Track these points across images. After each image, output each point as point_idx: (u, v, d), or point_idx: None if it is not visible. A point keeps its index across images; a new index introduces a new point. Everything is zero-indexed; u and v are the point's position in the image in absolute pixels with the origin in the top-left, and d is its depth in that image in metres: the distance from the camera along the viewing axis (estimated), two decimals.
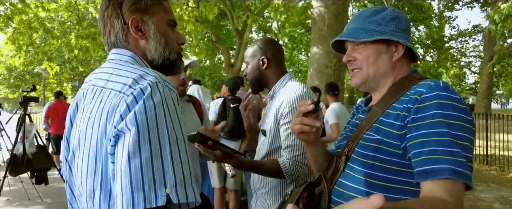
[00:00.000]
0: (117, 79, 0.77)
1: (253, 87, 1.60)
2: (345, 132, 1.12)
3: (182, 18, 7.00)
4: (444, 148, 0.79)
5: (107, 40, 0.90)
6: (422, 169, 0.81)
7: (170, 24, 0.93)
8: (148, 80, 0.73)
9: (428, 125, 0.83)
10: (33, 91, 5.22)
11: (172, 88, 0.76)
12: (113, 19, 0.87)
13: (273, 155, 1.49)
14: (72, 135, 0.84)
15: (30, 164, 4.54)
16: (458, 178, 0.77)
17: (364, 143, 0.95)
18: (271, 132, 1.48)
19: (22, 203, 4.58)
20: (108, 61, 0.87)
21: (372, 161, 0.91)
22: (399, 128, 0.88)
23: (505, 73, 19.29)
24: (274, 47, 1.58)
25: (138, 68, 0.79)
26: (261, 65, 1.54)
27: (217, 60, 18.74)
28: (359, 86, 1.04)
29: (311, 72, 6.83)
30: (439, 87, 0.87)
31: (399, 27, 1.00)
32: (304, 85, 1.49)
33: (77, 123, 0.82)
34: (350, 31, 1.02)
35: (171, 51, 0.91)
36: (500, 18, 6.37)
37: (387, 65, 1.00)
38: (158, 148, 0.69)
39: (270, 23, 17.35)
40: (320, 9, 6.58)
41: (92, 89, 0.82)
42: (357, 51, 1.02)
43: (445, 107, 0.83)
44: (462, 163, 0.78)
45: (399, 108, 0.91)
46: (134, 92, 0.71)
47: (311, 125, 0.97)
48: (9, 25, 7.30)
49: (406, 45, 0.98)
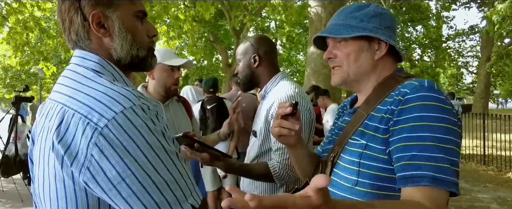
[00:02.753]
0: (82, 98, 0.68)
1: (243, 85, 1.55)
2: (330, 135, 1.08)
3: (178, 18, 6.96)
4: (425, 153, 0.75)
5: (68, 38, 0.79)
6: (402, 174, 0.77)
7: (139, 16, 0.82)
8: (121, 106, 0.65)
9: (410, 129, 0.78)
10: (26, 91, 5.16)
11: (149, 105, 0.70)
12: (71, 14, 0.76)
13: (263, 157, 1.44)
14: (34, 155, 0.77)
15: (22, 165, 4.48)
16: (439, 185, 0.73)
17: (349, 149, 0.91)
18: (261, 133, 1.43)
19: (15, 205, 4.52)
20: (71, 68, 0.77)
21: (358, 167, 0.86)
22: (384, 131, 0.84)
23: (502, 73, 19.34)
24: (267, 45, 1.52)
25: (106, 83, 0.70)
26: (253, 63, 1.49)
27: (215, 60, 18.70)
28: (340, 85, 0.99)
29: (308, 72, 6.80)
30: (423, 87, 0.82)
31: (383, 24, 0.95)
32: (296, 85, 1.45)
33: (37, 142, 0.74)
34: (331, 27, 0.98)
35: (140, 47, 0.81)
36: (498, 19, 6.36)
37: (369, 63, 0.95)
38: (157, 174, 0.65)
39: (268, 23, 17.32)
40: (317, 9, 6.55)
41: (52, 105, 0.72)
42: (337, 48, 0.97)
43: (428, 109, 0.79)
44: (444, 169, 0.74)
45: (383, 110, 0.86)
46: (109, 124, 0.63)
47: (290, 128, 0.93)
48: (5, 25, 7.24)
49: (389, 42, 0.93)
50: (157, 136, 0.66)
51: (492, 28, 6.70)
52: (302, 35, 17.30)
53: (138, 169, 0.63)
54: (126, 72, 0.82)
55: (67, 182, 0.66)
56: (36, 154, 0.74)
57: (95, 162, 0.63)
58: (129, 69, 0.83)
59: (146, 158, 0.64)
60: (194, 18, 7.58)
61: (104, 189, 0.64)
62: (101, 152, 0.63)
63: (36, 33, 7.56)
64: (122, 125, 0.63)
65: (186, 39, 8.10)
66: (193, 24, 7.35)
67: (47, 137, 0.68)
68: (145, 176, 0.63)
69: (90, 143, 0.63)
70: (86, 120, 0.64)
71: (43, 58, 7.26)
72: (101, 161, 0.63)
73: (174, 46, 7.79)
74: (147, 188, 0.63)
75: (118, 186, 0.63)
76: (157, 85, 1.80)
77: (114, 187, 0.63)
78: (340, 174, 0.91)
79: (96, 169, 0.63)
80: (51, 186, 0.69)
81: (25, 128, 4.69)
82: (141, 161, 0.63)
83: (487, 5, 14.48)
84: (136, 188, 0.63)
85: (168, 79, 1.78)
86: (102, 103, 0.66)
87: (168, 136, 0.69)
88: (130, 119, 0.64)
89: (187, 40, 7.84)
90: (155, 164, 0.64)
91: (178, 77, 1.79)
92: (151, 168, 0.64)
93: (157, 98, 1.82)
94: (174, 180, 0.66)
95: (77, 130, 0.64)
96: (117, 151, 0.63)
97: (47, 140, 0.68)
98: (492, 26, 6.61)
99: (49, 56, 7.98)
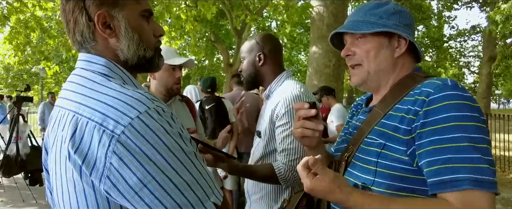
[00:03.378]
0: (94, 105, 0.66)
1: (247, 84, 1.52)
2: (344, 134, 1.06)
3: (180, 17, 6.95)
4: (462, 155, 0.73)
5: (73, 39, 0.76)
6: (438, 179, 0.74)
7: (145, 15, 0.80)
8: (136, 110, 0.64)
9: (441, 130, 0.75)
10: (27, 91, 5.15)
11: (163, 107, 0.68)
12: (76, 15, 0.74)
13: (268, 158, 1.42)
14: (49, 163, 0.75)
15: (24, 165, 4.47)
16: (481, 187, 0.71)
17: (365, 148, 0.89)
18: (266, 134, 1.41)
19: (16, 205, 4.51)
20: (78, 73, 0.75)
21: (375, 167, 0.85)
22: (406, 132, 0.81)
23: (504, 73, 19.28)
24: (273, 43, 1.50)
25: (117, 87, 0.68)
26: (257, 61, 1.46)
27: (216, 60, 18.68)
28: (360, 86, 0.97)
29: (310, 72, 6.78)
30: (447, 86, 0.80)
31: (402, 21, 0.93)
32: (301, 85, 1.42)
33: (51, 152, 0.73)
34: (350, 24, 0.96)
35: (147, 47, 0.79)
36: (501, 19, 6.32)
37: (389, 61, 0.93)
38: (181, 180, 0.64)
39: (269, 23, 17.31)
40: (319, 9, 6.53)
41: (63, 113, 0.70)
42: (356, 45, 0.95)
43: (458, 108, 0.76)
44: (484, 170, 0.72)
45: (404, 110, 0.84)
46: (126, 131, 0.62)
47: (314, 128, 0.92)
48: (6, 24, 7.24)
49: (409, 39, 0.91)
50: (175, 138, 0.65)
51: (495, 27, 6.66)
52: (303, 35, 17.28)
53: (159, 174, 0.62)
54: (133, 73, 0.80)
55: (87, 192, 0.65)
56: (51, 164, 0.73)
57: (115, 170, 0.62)
58: (136, 70, 0.81)
59: (165, 161, 0.63)
60: (195, 18, 7.56)
61: (126, 197, 0.63)
62: (120, 159, 0.62)
63: (38, 33, 7.57)
64: (139, 130, 0.62)
65: (187, 39, 8.09)
66: (194, 24, 7.33)
67: (62, 147, 0.67)
68: (166, 179, 0.62)
69: (108, 151, 0.62)
70: (102, 127, 0.63)
71: (44, 58, 7.26)
72: (121, 169, 0.62)
73: (176, 46, 7.78)
74: (169, 192, 0.62)
75: (140, 192, 0.62)
76: (158, 85, 1.79)
77: (136, 194, 0.62)
78: (356, 173, 0.90)
79: (116, 177, 0.62)
80: (71, 196, 0.68)
81: (26, 128, 4.67)
82: (161, 165, 0.62)
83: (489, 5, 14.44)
84: (158, 193, 0.62)
85: (169, 79, 1.76)
86: (116, 109, 0.64)
87: (185, 137, 0.68)
88: (147, 123, 0.63)
89: (189, 40, 7.83)
90: (175, 166, 0.64)
91: (179, 76, 1.78)
92: (172, 171, 0.63)
93: (160, 98, 1.80)
94: (195, 180, 0.65)
95: (93, 138, 0.63)
96: (137, 157, 0.62)
97: (62, 150, 0.67)
98: (495, 25, 6.57)
99: (51, 56, 7.98)
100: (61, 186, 0.70)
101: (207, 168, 0.70)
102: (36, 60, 9.61)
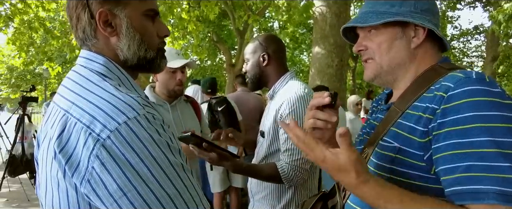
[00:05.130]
0: (85, 106, 0.65)
1: (251, 84, 1.54)
2: (362, 134, 0.97)
3: (182, 18, 6.97)
4: (486, 162, 0.61)
5: (76, 35, 0.77)
6: (458, 189, 0.64)
7: (149, 14, 0.78)
8: (125, 116, 0.62)
9: (461, 132, 0.64)
10: (32, 91, 5.19)
11: (154, 113, 0.66)
12: (79, 11, 0.74)
13: (272, 158, 1.43)
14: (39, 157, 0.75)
15: (29, 164, 4.50)
16: (510, 203, 0.59)
17: (380, 152, 0.79)
18: (269, 134, 1.42)
19: (21, 204, 4.54)
20: (77, 70, 0.74)
21: (389, 174, 0.76)
22: (422, 134, 0.70)
23: (507, 73, 19.17)
24: (276, 44, 1.52)
25: (110, 89, 0.67)
26: (262, 62, 1.48)
27: (218, 60, 18.70)
28: (373, 80, 0.87)
29: (312, 72, 6.78)
30: (470, 80, 0.67)
31: (419, 7, 0.81)
32: (305, 85, 1.44)
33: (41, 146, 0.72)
34: (359, 16, 0.86)
35: (149, 48, 0.77)
36: (504, 18, 6.30)
37: (405, 53, 0.82)
38: (165, 194, 0.62)
39: (272, 23, 17.30)
40: (321, 9, 6.53)
41: (55, 110, 0.70)
42: (368, 39, 0.85)
43: (482, 107, 0.64)
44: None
45: (421, 108, 0.73)
46: (112, 136, 0.60)
47: (327, 120, 0.81)
48: (10, 25, 7.29)
49: (427, 27, 0.79)
50: (162, 148, 0.64)
51: (497, 27, 6.64)
52: (306, 35, 17.27)
53: (140, 184, 0.60)
54: (134, 73, 0.80)
55: (70, 192, 0.65)
56: (40, 160, 0.73)
57: (96, 174, 0.61)
58: (136, 70, 0.80)
59: (149, 172, 0.61)
60: (198, 18, 7.58)
61: (105, 203, 0.62)
62: (102, 164, 0.60)
63: (41, 34, 7.61)
64: (125, 137, 0.61)
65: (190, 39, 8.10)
66: (197, 24, 7.35)
67: (49, 145, 0.66)
68: (147, 190, 0.61)
69: (91, 155, 0.61)
70: (89, 130, 0.62)
71: (48, 58, 7.30)
72: (102, 174, 0.60)
73: (179, 46, 7.80)
74: (149, 203, 0.61)
75: (119, 200, 0.61)
76: (161, 86, 1.81)
77: (115, 202, 0.61)
78: None
79: (97, 182, 0.61)
80: (54, 194, 0.67)
81: (32, 128, 4.71)
82: (144, 175, 0.61)
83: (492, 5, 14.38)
84: (138, 203, 0.60)
85: (170, 81, 1.77)
86: (105, 112, 0.63)
87: (173, 147, 0.67)
88: (134, 130, 0.62)
89: (192, 40, 7.84)
90: (159, 178, 0.62)
91: (181, 78, 1.77)
92: (155, 182, 0.61)
93: (164, 98, 1.82)
94: (179, 194, 0.63)
95: (79, 140, 0.62)
96: (119, 164, 0.60)
97: (49, 148, 0.66)
98: (498, 25, 6.55)
99: (54, 56, 8.02)
100: (46, 183, 0.69)
101: (194, 181, 0.68)
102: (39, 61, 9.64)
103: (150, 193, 0.61)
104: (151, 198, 0.61)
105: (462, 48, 22.62)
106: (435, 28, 0.80)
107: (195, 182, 0.68)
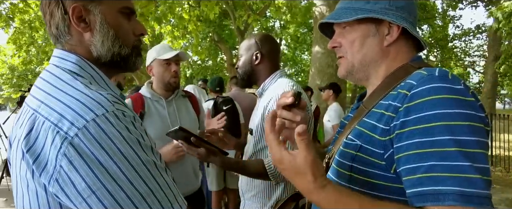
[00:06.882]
0: (54, 104, 0.63)
1: (241, 81, 1.55)
2: (336, 134, 0.98)
3: (183, 17, 6.97)
4: (448, 162, 0.60)
5: (49, 31, 0.76)
6: (418, 190, 0.62)
7: (125, 12, 0.77)
8: (93, 113, 0.61)
9: (423, 131, 0.63)
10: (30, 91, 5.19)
11: (124, 110, 0.65)
12: (52, 7, 0.73)
13: (259, 155, 1.42)
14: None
15: None
16: (468, 203, 0.58)
17: (343, 150, 0.78)
18: (257, 130, 1.42)
19: None
20: (49, 70, 0.73)
21: (349, 172, 0.75)
22: (383, 132, 0.69)
23: (509, 72, 19.13)
24: (271, 44, 1.52)
25: (80, 87, 0.66)
26: (254, 60, 1.49)
27: (220, 60, 18.71)
28: (345, 77, 0.87)
29: (313, 72, 6.77)
30: (433, 78, 0.66)
31: (394, 4, 0.79)
32: (294, 83, 1.43)
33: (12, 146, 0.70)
34: (335, 12, 0.85)
35: (123, 44, 0.76)
36: (503, 15, 6.27)
37: (376, 50, 0.80)
38: (134, 191, 0.61)
39: (272, 23, 17.30)
40: (322, 8, 6.52)
41: (26, 110, 0.68)
42: (342, 35, 0.84)
43: (444, 104, 0.63)
44: (474, 182, 0.59)
45: (384, 106, 0.72)
46: (79, 133, 0.59)
47: (291, 119, 0.81)
48: (10, 25, 7.31)
49: (400, 25, 0.78)
50: (132, 145, 0.62)
51: (497, 25, 6.61)
52: (307, 35, 17.26)
53: (110, 182, 0.59)
54: (109, 72, 0.78)
55: (39, 193, 0.63)
56: (12, 160, 0.71)
57: (64, 173, 0.59)
58: (111, 68, 0.78)
59: (119, 169, 0.59)
60: (198, 18, 7.58)
61: (73, 202, 0.60)
62: (70, 163, 0.59)
63: (42, 33, 7.63)
64: (93, 134, 0.59)
65: (190, 39, 8.10)
66: (197, 24, 7.35)
67: (18, 145, 0.65)
68: (117, 188, 0.59)
69: (59, 153, 0.59)
70: (56, 128, 0.60)
71: (48, 58, 7.33)
72: (70, 172, 0.59)
73: (179, 46, 7.81)
74: (119, 202, 0.59)
75: (88, 199, 0.59)
76: (157, 81, 1.84)
77: (84, 201, 0.59)
78: (333, 178, 0.81)
79: (65, 181, 0.59)
80: (24, 195, 0.66)
81: None
82: (113, 173, 0.59)
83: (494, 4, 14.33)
84: (108, 202, 0.59)
85: (166, 73, 1.81)
86: (73, 110, 0.62)
87: (145, 145, 0.65)
88: (102, 127, 0.60)
89: (192, 40, 7.85)
90: (129, 176, 0.60)
91: (175, 70, 1.82)
92: (125, 180, 0.59)
93: (161, 94, 1.85)
94: (151, 192, 0.61)
95: (47, 139, 0.60)
96: (87, 162, 0.59)
97: (18, 148, 0.65)
98: (497, 23, 6.52)
99: None
100: (16, 184, 0.68)
101: (168, 179, 0.66)
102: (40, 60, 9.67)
103: (120, 191, 0.59)
104: (121, 196, 0.59)
105: (464, 48, 22.57)
106: (409, 26, 0.78)
107: (170, 180, 0.66)
